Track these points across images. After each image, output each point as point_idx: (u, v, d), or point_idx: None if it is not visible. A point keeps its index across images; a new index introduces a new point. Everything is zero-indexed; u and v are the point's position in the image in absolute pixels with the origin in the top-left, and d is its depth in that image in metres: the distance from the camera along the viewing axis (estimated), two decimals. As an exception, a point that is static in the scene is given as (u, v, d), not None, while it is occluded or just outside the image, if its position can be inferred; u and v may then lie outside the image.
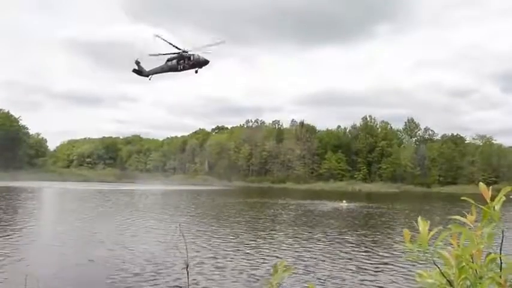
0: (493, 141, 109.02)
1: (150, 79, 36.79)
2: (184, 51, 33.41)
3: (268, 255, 17.74)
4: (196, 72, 33.84)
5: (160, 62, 35.95)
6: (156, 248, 18.55)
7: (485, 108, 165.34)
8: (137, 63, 36.30)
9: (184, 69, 33.92)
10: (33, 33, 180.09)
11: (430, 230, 1.40)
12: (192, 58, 33.28)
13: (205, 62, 33.41)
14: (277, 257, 17.19)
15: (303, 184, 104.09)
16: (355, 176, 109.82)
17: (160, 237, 21.06)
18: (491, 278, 1.27)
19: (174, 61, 34.22)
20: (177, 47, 33.40)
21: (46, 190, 62.45)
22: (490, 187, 1.37)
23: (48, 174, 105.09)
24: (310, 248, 19.85)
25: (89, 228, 24.07)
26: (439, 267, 1.34)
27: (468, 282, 1.31)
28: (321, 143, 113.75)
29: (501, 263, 1.30)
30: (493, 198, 1.32)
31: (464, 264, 1.32)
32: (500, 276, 1.26)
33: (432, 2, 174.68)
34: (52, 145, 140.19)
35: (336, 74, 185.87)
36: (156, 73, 36.20)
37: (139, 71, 36.57)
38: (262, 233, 24.80)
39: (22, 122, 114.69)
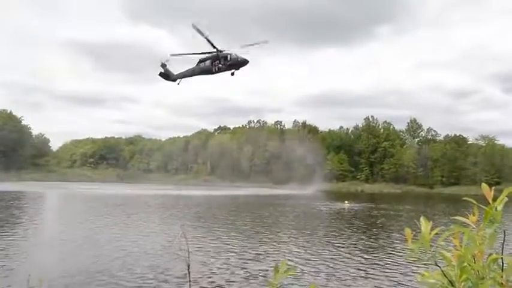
0: (495, 141, 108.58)
1: (178, 84, 32.45)
2: (219, 50, 29.33)
3: (270, 256, 17.73)
4: (232, 74, 29.78)
5: (189, 63, 31.68)
6: (160, 249, 18.57)
7: (487, 109, 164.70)
8: (163, 65, 32.47)
9: (220, 71, 29.81)
10: (34, 33, 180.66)
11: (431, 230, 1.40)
12: (229, 58, 29.23)
13: (244, 62, 29.46)
14: (279, 257, 17.18)
15: (305, 185, 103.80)
16: (358, 176, 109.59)
17: (165, 240, 21.07)
18: (492, 279, 1.27)
19: (208, 62, 30.09)
20: (213, 44, 29.12)
21: (51, 193, 62.48)
22: (493, 188, 1.38)
23: (51, 175, 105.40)
24: (313, 249, 19.83)
25: (93, 231, 24.11)
26: (440, 268, 1.34)
27: (470, 283, 1.31)
28: (323, 144, 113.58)
29: (503, 263, 1.30)
30: (495, 199, 1.33)
31: (466, 264, 1.32)
32: (502, 277, 1.26)
33: (433, 2, 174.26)
34: (54, 145, 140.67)
35: (337, 74, 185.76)
36: (186, 76, 32.19)
37: (166, 75, 32.67)
38: (265, 233, 24.78)
39: (24, 122, 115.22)
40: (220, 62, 29.43)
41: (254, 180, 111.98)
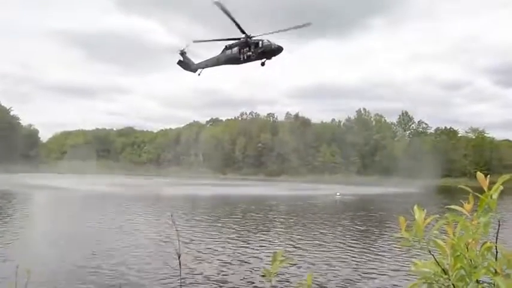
0: (485, 134, 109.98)
1: (199, 74, 29.44)
2: (248, 36, 25.87)
3: (263, 248, 17.76)
4: (263, 64, 26.50)
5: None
6: (150, 240, 18.49)
7: (478, 101, 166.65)
8: (182, 53, 29.54)
9: (249, 59, 26.48)
10: (25, 24, 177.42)
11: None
12: (260, 44, 25.81)
13: (278, 50, 26.15)
14: (273, 249, 17.21)
15: (297, 177, 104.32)
16: (350, 168, 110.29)
17: (154, 230, 20.99)
18: (486, 268, 1.28)
19: (235, 49, 26.75)
20: (241, 28, 25.48)
21: (41, 189, 61.59)
22: (488, 177, 1.38)
23: (41, 166, 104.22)
24: (306, 240, 19.91)
25: (82, 225, 23.95)
26: (434, 256, 1.35)
27: (463, 271, 1.31)
28: (315, 136, 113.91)
29: (496, 252, 1.31)
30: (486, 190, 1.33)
31: (459, 253, 1.32)
32: (495, 266, 1.27)
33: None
34: (44, 137, 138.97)
35: (330, 66, 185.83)
36: (209, 66, 29.08)
37: (186, 64, 29.71)
38: (258, 225, 24.84)
39: (13, 113, 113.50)
40: (250, 50, 26.12)
41: (246, 172, 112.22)
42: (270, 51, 26.03)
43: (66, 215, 27.27)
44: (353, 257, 16.33)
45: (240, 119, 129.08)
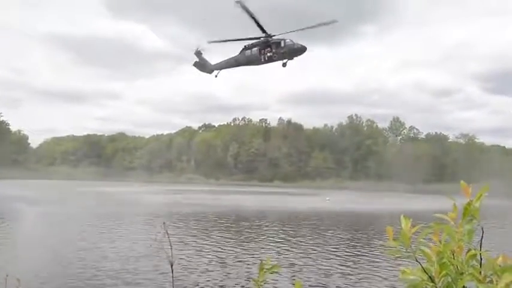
0: (475, 140, 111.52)
1: (216, 76, 28.33)
2: (269, 35, 24.60)
3: (253, 256, 17.73)
4: (284, 65, 25.42)
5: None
6: (141, 247, 18.34)
7: (468, 108, 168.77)
8: (198, 54, 28.19)
9: (270, 60, 25.30)
10: (13, 28, 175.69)
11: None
12: (283, 44, 24.71)
13: (301, 50, 24.91)
14: (262, 257, 17.19)
15: (290, 182, 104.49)
16: (342, 174, 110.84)
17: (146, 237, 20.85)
18: (471, 274, 1.29)
19: (255, 50, 25.54)
20: (262, 28, 24.27)
21: (32, 191, 60.77)
22: (471, 185, 1.40)
23: (31, 173, 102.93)
24: (296, 249, 19.92)
25: (72, 230, 23.68)
26: (420, 264, 1.36)
27: (449, 278, 1.32)
28: (307, 142, 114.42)
29: (481, 259, 1.32)
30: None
31: (445, 260, 1.34)
32: (480, 272, 1.28)
33: (417, 1, 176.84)
34: (34, 143, 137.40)
35: (322, 73, 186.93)
36: (227, 67, 27.74)
37: (202, 65, 28.47)
38: (250, 234, 24.79)
39: (2, 118, 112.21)
40: (271, 50, 25.02)
41: (239, 178, 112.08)
42: (292, 51, 24.92)
43: (51, 222, 26.95)
44: (344, 265, 16.38)
45: (232, 124, 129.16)
